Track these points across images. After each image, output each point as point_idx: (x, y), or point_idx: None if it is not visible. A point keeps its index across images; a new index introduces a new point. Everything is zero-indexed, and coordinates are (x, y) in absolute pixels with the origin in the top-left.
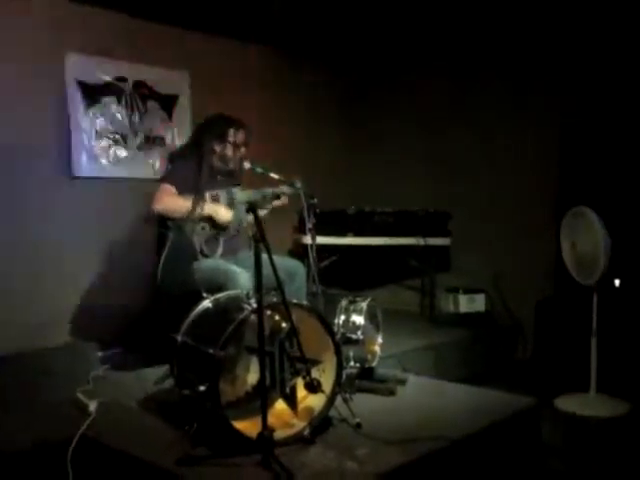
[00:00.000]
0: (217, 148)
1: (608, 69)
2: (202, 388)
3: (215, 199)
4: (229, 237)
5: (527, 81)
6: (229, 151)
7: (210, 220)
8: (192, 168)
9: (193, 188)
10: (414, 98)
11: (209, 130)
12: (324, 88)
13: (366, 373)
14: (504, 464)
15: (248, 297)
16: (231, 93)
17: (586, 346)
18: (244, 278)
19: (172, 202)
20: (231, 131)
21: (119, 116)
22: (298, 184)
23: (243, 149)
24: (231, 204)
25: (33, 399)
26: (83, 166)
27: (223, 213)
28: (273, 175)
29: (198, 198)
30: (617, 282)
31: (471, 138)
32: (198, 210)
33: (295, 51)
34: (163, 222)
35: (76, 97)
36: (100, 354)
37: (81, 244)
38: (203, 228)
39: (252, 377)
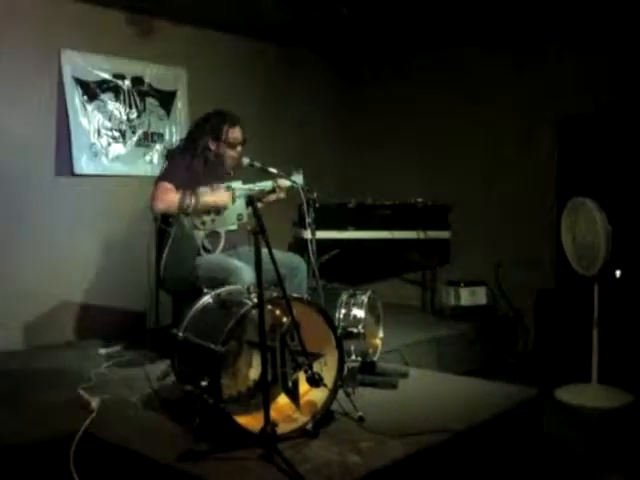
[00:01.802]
0: (212, 145)
1: (606, 61)
2: (204, 383)
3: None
4: (227, 226)
5: (524, 73)
6: (223, 148)
7: (213, 208)
8: (189, 165)
9: (191, 184)
10: (413, 91)
11: (204, 127)
12: (322, 83)
13: (368, 367)
14: (506, 455)
15: (249, 292)
16: (229, 89)
17: (587, 337)
18: (247, 273)
19: (171, 199)
20: (225, 128)
21: (117, 113)
22: (297, 179)
23: (239, 147)
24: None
25: (36, 396)
26: (83, 163)
27: (223, 197)
28: (272, 170)
29: (196, 191)
30: (618, 273)
31: (470, 131)
32: (200, 200)
33: (292, 46)
34: (164, 218)
35: (74, 94)
36: (102, 351)
37: (82, 241)
38: (204, 222)
39: (254, 372)
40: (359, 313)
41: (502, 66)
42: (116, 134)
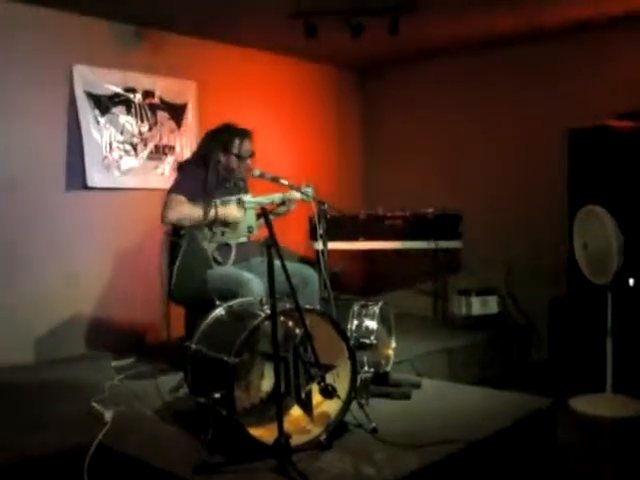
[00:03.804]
0: (222, 159)
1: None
2: (217, 395)
3: (225, 204)
4: (238, 238)
5: (536, 81)
6: (234, 162)
7: (222, 223)
8: (200, 178)
9: (202, 197)
10: (427, 100)
11: (214, 140)
12: (334, 93)
13: (380, 378)
14: (521, 465)
15: (262, 304)
16: (239, 101)
17: (601, 346)
18: (256, 285)
19: (183, 210)
20: (236, 142)
21: (129, 126)
22: (308, 190)
23: (249, 159)
24: (241, 210)
25: (49, 409)
26: (95, 177)
27: (234, 212)
28: (283, 182)
29: (208, 204)
30: (631, 281)
31: (482, 140)
32: (211, 214)
33: (302, 56)
34: (175, 231)
35: (86, 108)
36: (115, 363)
37: (94, 254)
38: (214, 234)
39: (267, 383)
40: (371, 324)
41: (516, 75)
42: (128, 147)
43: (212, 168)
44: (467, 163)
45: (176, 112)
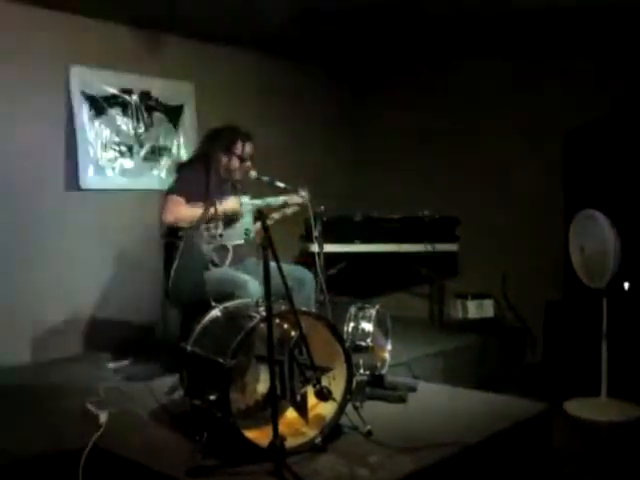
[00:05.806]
0: (224, 159)
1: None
2: (212, 397)
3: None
4: (235, 240)
5: (531, 84)
6: (235, 163)
7: (222, 218)
8: (200, 178)
9: (201, 198)
10: (417, 103)
11: (216, 141)
12: (328, 96)
13: (376, 380)
14: (515, 469)
15: (257, 305)
16: (236, 103)
17: (596, 350)
18: (253, 286)
19: (183, 212)
20: (238, 143)
21: (125, 127)
22: (304, 193)
23: (249, 161)
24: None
25: (44, 410)
26: (90, 178)
27: (232, 203)
28: (279, 184)
29: (208, 205)
30: (626, 285)
31: (477, 143)
32: (210, 213)
33: (299, 61)
34: (174, 232)
35: (82, 109)
36: (110, 365)
37: (90, 256)
38: (212, 236)
39: (262, 386)
40: (367, 326)
41: (508, 77)
42: (123, 149)
43: (213, 168)
44: (463, 167)
45: (173, 113)
